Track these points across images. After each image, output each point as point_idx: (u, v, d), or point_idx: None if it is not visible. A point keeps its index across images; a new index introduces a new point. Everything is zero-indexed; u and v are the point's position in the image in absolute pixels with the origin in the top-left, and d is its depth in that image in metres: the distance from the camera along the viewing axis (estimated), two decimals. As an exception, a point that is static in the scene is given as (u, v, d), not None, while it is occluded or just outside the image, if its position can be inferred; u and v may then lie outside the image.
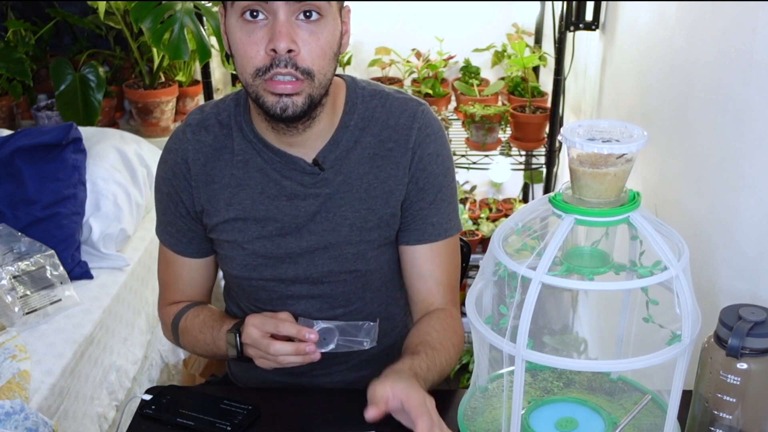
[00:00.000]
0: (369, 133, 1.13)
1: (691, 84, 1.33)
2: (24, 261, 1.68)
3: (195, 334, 1.19)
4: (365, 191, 1.13)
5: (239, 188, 1.14)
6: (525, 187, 2.70)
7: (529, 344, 0.80)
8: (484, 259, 0.91)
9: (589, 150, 0.80)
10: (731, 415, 0.85)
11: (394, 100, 1.15)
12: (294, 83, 1.00)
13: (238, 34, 1.00)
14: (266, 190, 1.13)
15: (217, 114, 1.16)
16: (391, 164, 1.13)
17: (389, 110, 1.14)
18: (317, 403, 1.09)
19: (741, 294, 1.09)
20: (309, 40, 0.99)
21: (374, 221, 1.14)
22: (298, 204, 1.13)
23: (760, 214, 1.05)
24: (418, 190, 1.14)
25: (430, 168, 1.14)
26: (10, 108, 2.54)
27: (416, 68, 2.44)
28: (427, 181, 1.14)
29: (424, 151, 1.13)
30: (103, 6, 2.29)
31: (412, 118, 1.14)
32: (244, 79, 1.03)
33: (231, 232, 1.15)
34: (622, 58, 1.85)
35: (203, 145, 1.15)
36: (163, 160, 1.19)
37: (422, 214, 1.16)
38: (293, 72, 0.99)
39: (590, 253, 0.86)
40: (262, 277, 1.17)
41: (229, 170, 1.14)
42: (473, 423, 0.98)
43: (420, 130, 1.13)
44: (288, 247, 1.15)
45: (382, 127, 1.13)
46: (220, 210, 1.15)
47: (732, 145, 1.14)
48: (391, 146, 1.13)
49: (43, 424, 1.17)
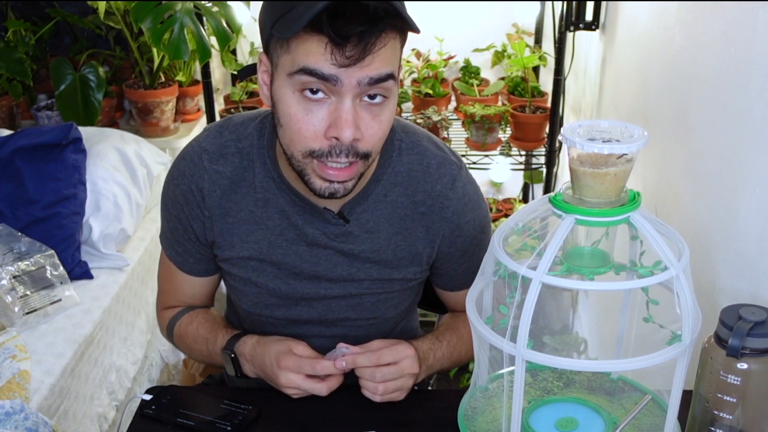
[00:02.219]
0: (401, 191, 1.07)
1: (691, 84, 1.33)
2: (24, 261, 1.68)
3: (189, 343, 1.18)
4: (392, 252, 1.09)
5: (257, 226, 1.07)
6: (525, 187, 2.71)
7: (529, 344, 0.80)
8: (485, 259, 0.91)
9: (589, 150, 0.80)
10: (731, 415, 0.85)
11: (432, 159, 1.07)
12: (349, 169, 0.93)
13: (293, 108, 0.90)
14: (285, 233, 1.07)
15: (237, 141, 1.07)
16: (422, 228, 1.09)
17: (426, 170, 1.07)
18: (317, 403, 1.09)
19: (741, 294, 1.09)
20: (372, 124, 0.91)
21: (398, 277, 1.12)
22: (318, 252, 1.08)
23: (760, 214, 1.05)
24: (457, 251, 1.13)
25: (468, 232, 1.12)
26: (10, 108, 2.54)
27: (416, 68, 2.44)
28: (467, 244, 1.13)
29: (462, 219, 1.10)
30: (103, 6, 2.29)
31: (451, 186, 1.08)
32: (291, 153, 0.94)
33: (245, 270, 1.11)
34: (622, 58, 1.85)
35: (221, 177, 1.06)
36: (174, 182, 1.10)
37: (462, 268, 1.16)
38: (349, 160, 0.92)
39: (590, 253, 0.86)
40: (274, 316, 1.15)
41: (247, 206, 1.07)
42: (473, 423, 0.98)
43: (459, 200, 1.09)
44: (304, 292, 1.11)
45: (417, 189, 1.07)
46: (235, 245, 1.09)
47: (732, 146, 1.14)
48: (425, 210, 1.08)
49: (43, 424, 1.17)
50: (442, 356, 1.12)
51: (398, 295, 1.15)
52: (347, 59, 0.85)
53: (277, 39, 0.90)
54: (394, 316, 1.18)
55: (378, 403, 1.07)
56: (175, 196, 1.11)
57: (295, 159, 0.95)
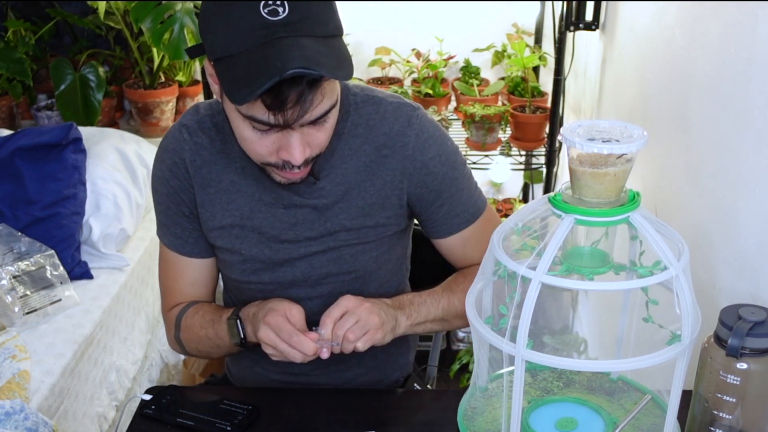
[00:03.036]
0: (363, 140, 1.11)
1: (691, 84, 1.33)
2: (24, 261, 1.68)
3: (197, 330, 1.18)
4: (362, 199, 1.13)
5: (238, 194, 1.13)
6: (525, 187, 2.71)
7: (529, 344, 0.80)
8: (484, 259, 0.91)
9: (589, 150, 0.80)
10: (731, 415, 0.85)
11: (387, 105, 1.13)
12: (304, 169, 1.02)
13: (244, 132, 0.97)
14: (263, 198, 1.13)
15: (212, 117, 1.14)
16: (387, 171, 1.12)
17: (383, 116, 1.12)
18: (317, 403, 1.09)
19: (741, 294, 1.09)
20: (318, 135, 0.99)
21: (371, 224, 1.15)
22: (296, 212, 1.12)
23: (760, 214, 1.05)
24: (431, 192, 1.14)
25: (436, 170, 1.13)
26: (10, 108, 2.54)
27: (416, 68, 2.44)
28: (438, 182, 1.14)
29: (425, 156, 1.12)
30: (103, 6, 2.30)
31: (407, 124, 1.12)
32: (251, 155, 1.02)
33: (228, 239, 1.15)
34: (622, 58, 1.85)
35: (200, 148, 1.13)
36: (159, 159, 1.17)
37: (443, 210, 1.16)
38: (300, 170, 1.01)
39: (590, 253, 0.86)
40: (261, 281, 1.17)
41: (228, 176, 1.13)
42: (473, 423, 0.98)
43: (417, 136, 1.11)
44: (286, 253, 1.15)
45: (377, 133, 1.11)
46: (216, 215, 1.14)
47: (732, 146, 1.14)
48: (387, 153, 1.11)
49: (43, 424, 1.17)
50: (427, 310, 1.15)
51: (375, 246, 1.17)
52: (288, 119, 0.92)
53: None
54: (376, 270, 1.19)
55: (378, 403, 1.08)
56: (162, 173, 1.16)
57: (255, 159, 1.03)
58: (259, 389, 1.27)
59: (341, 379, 1.25)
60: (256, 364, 1.27)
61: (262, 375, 1.27)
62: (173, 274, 1.23)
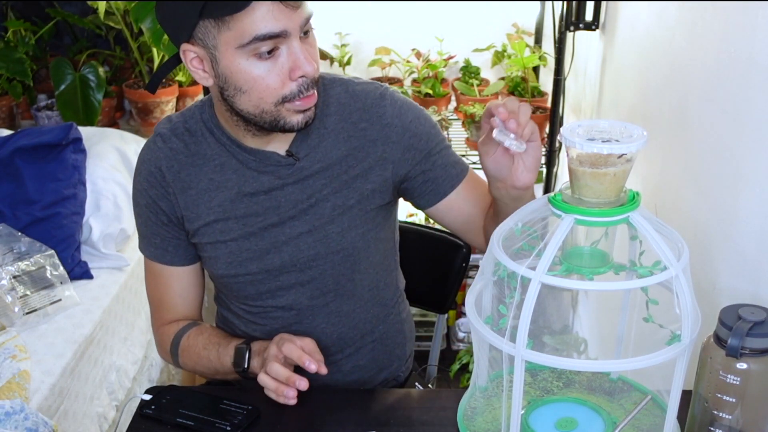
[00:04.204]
0: (337, 118, 1.14)
1: (691, 84, 1.33)
2: (24, 261, 1.68)
3: (198, 351, 1.20)
4: (345, 173, 1.14)
5: (218, 191, 1.14)
6: (525, 187, 2.70)
7: (529, 344, 0.80)
8: (484, 259, 0.91)
9: (588, 150, 0.80)
10: (731, 415, 0.85)
11: (356, 86, 1.16)
12: (313, 95, 1.04)
13: (253, 72, 0.99)
14: (244, 189, 1.14)
15: (184, 122, 1.16)
16: (368, 142, 1.14)
17: (353, 95, 1.15)
18: (317, 403, 1.09)
19: (741, 294, 1.09)
20: (313, 51, 1.03)
21: (355, 198, 1.15)
22: (277, 195, 1.14)
23: (760, 214, 1.05)
24: (420, 151, 1.16)
25: (419, 130, 1.15)
26: (10, 108, 2.54)
27: (416, 68, 2.44)
28: (424, 141, 1.16)
29: (404, 120, 1.14)
30: (103, 6, 2.30)
31: (380, 97, 1.15)
32: (262, 109, 1.03)
33: (213, 234, 1.16)
34: (622, 58, 1.85)
35: (176, 153, 1.15)
36: (137, 171, 1.19)
37: (438, 164, 1.17)
38: (313, 90, 1.03)
39: (590, 253, 0.86)
40: (249, 272, 1.17)
41: (206, 175, 1.14)
42: (473, 423, 0.98)
43: (392, 105, 1.14)
44: (272, 237, 1.15)
45: (350, 110, 1.14)
46: (201, 215, 1.15)
47: (732, 145, 1.14)
48: (364, 126, 1.13)
49: (43, 424, 1.17)
50: None
51: (361, 222, 1.16)
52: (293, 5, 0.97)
53: (208, 23, 0.97)
54: (365, 248, 1.19)
55: (378, 404, 1.08)
56: (140, 184, 1.18)
57: (267, 113, 1.03)
58: (259, 389, 1.27)
59: (340, 372, 1.25)
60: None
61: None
62: (161, 287, 1.24)
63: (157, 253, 1.21)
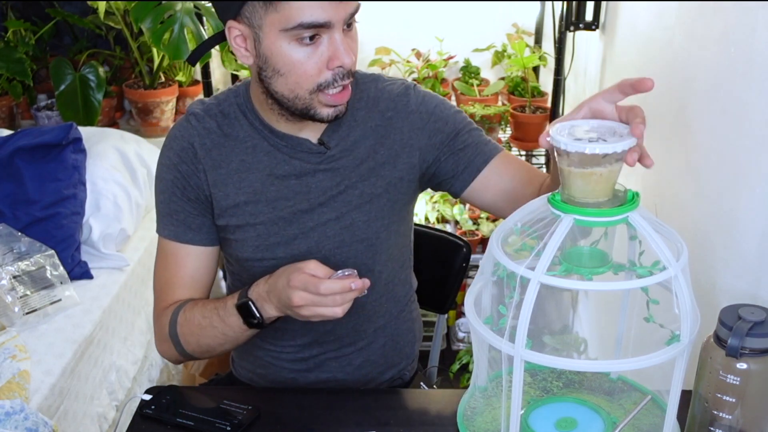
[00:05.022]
0: (366, 111, 1.17)
1: (691, 84, 1.33)
2: (24, 261, 1.68)
3: (198, 321, 1.14)
4: (373, 160, 1.16)
5: (248, 172, 1.15)
6: (525, 187, 2.70)
7: (528, 344, 0.80)
8: (483, 259, 0.91)
9: (573, 150, 0.79)
10: (731, 415, 0.85)
11: (384, 82, 1.21)
12: (346, 91, 1.06)
13: (293, 56, 1.02)
14: (275, 171, 1.15)
15: (218, 104, 1.17)
16: (394, 130, 1.17)
17: (382, 90, 1.19)
18: (317, 403, 1.09)
19: (741, 294, 1.09)
20: (353, 46, 1.06)
21: (382, 186, 1.17)
22: (308, 181, 1.15)
23: (760, 214, 1.05)
24: (448, 134, 1.18)
25: (444, 114, 1.19)
26: (10, 108, 2.54)
27: (416, 68, 2.44)
28: (452, 123, 1.19)
29: (428, 106, 1.18)
30: (103, 6, 2.30)
31: (406, 88, 1.20)
32: (296, 95, 1.05)
33: (242, 216, 1.16)
34: (622, 58, 1.85)
35: (209, 132, 1.16)
36: (167, 147, 1.18)
37: (470, 142, 1.19)
38: (348, 82, 1.05)
39: (589, 253, 0.86)
40: (275, 257, 1.17)
41: (237, 155, 1.15)
42: (472, 423, 0.98)
43: (416, 95, 1.18)
44: (300, 223, 1.16)
45: (378, 102, 1.18)
46: (229, 194, 1.15)
47: (732, 146, 1.14)
48: (391, 114, 1.17)
49: (43, 424, 1.17)
50: None
51: (386, 212, 1.19)
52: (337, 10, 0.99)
53: (256, 3, 1.00)
54: (386, 240, 1.20)
55: (378, 403, 1.08)
56: (169, 159, 1.18)
57: (300, 99, 1.06)
58: (259, 389, 1.27)
59: (351, 366, 1.25)
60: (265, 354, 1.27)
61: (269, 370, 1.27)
62: (172, 268, 1.20)
63: (178, 231, 1.18)
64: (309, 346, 1.24)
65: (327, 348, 1.24)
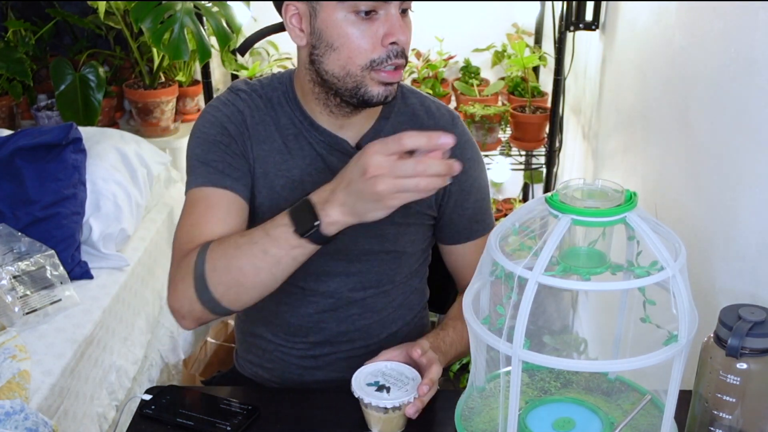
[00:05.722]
0: (410, 124, 1.18)
1: (690, 84, 1.33)
2: (24, 261, 1.68)
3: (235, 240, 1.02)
4: None
5: (290, 156, 1.15)
6: (525, 187, 2.70)
7: (526, 344, 0.80)
8: (482, 259, 0.91)
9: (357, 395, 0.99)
10: (731, 415, 0.85)
11: (431, 102, 1.22)
12: (398, 71, 1.06)
13: (349, 29, 1.03)
14: (314, 164, 1.15)
15: (261, 87, 1.17)
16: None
17: (428, 110, 1.20)
18: (317, 403, 1.09)
19: (741, 294, 1.09)
20: (406, 31, 1.06)
21: (413, 209, 1.18)
22: None
23: (759, 214, 1.05)
24: (461, 191, 1.20)
25: (471, 171, 1.21)
26: (10, 108, 2.54)
27: (416, 68, 2.43)
28: (470, 184, 1.21)
29: (464, 155, 1.18)
30: (103, 6, 2.30)
31: (452, 123, 1.21)
32: (348, 71, 1.05)
33: (278, 200, 1.15)
34: (622, 58, 1.84)
35: (256, 108, 1.16)
36: (214, 108, 1.15)
37: (468, 213, 1.22)
38: (402, 62, 1.05)
39: (587, 254, 0.86)
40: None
41: (280, 138, 1.15)
42: (470, 423, 0.98)
43: (460, 136, 1.15)
44: None
45: (422, 125, 1.18)
46: (269, 172, 1.15)
47: (732, 146, 1.14)
48: None
49: (43, 424, 1.17)
50: (452, 341, 1.17)
51: (414, 229, 1.21)
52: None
53: None
54: (411, 254, 1.24)
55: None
56: (215, 118, 1.15)
57: (351, 76, 1.05)
58: (259, 389, 1.27)
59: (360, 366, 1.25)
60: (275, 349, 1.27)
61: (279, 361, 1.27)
62: (201, 209, 1.09)
63: (215, 178, 1.10)
64: (321, 344, 1.25)
65: (339, 348, 1.25)
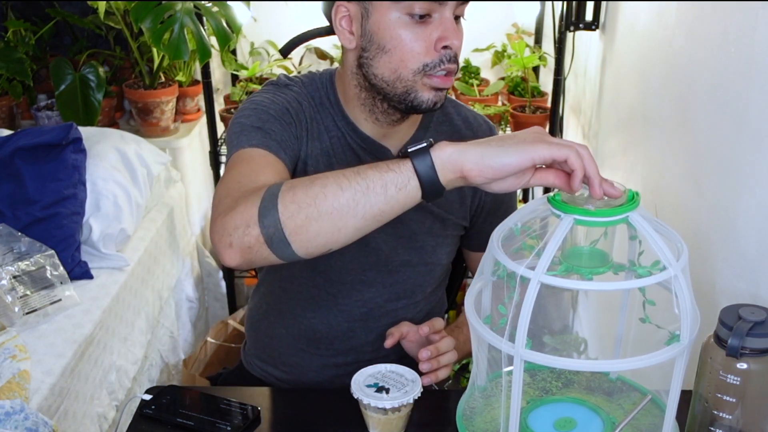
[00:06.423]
0: (446, 136, 1.16)
1: (691, 84, 1.33)
2: (24, 261, 1.68)
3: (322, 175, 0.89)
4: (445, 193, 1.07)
5: (334, 158, 1.13)
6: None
7: (528, 344, 0.80)
8: (483, 258, 0.91)
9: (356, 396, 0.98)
10: (731, 415, 0.85)
11: (467, 111, 1.22)
12: (450, 77, 1.05)
13: (402, 31, 1.01)
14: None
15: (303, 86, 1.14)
16: None
17: (465, 120, 1.20)
18: (317, 403, 1.09)
19: (741, 294, 1.09)
20: (460, 37, 1.05)
21: (451, 220, 1.20)
22: None
23: (760, 214, 1.05)
24: (494, 201, 1.22)
25: None
26: (10, 108, 2.54)
27: (416, 68, 2.43)
28: (501, 196, 1.21)
29: None
30: (103, 6, 2.29)
31: (490, 129, 1.21)
32: (399, 75, 1.03)
33: None
34: (622, 58, 1.85)
35: (309, 104, 1.12)
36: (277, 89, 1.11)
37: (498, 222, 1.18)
38: (453, 67, 1.04)
39: (589, 253, 0.86)
40: (343, 258, 1.16)
41: (326, 138, 1.13)
42: (472, 423, 0.98)
43: None
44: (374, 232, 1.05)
45: (460, 135, 1.17)
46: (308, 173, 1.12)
47: (732, 146, 1.14)
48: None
49: (43, 424, 1.17)
50: (466, 338, 1.19)
51: (450, 241, 1.22)
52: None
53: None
54: (443, 267, 1.25)
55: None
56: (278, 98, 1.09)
57: (402, 81, 1.03)
58: (259, 389, 1.27)
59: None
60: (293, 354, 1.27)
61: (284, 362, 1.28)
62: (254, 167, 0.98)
63: (269, 143, 1.03)
64: (345, 352, 1.25)
65: (362, 357, 1.26)
